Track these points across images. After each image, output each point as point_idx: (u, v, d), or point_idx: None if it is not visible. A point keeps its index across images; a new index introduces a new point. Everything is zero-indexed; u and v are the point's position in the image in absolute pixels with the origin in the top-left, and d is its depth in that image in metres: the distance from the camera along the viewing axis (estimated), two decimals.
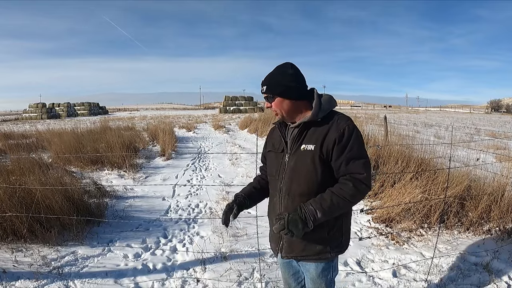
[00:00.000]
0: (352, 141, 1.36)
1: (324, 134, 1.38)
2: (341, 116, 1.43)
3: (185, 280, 2.60)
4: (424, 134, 8.98)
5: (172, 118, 22.86)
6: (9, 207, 3.00)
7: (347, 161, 1.35)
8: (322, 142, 1.37)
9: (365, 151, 1.40)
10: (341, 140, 1.35)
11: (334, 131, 1.37)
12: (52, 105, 41.98)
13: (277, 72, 1.45)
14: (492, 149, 7.25)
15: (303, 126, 1.42)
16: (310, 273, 1.53)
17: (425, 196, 3.56)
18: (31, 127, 13.66)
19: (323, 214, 1.34)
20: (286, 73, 1.43)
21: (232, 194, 4.74)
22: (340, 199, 1.34)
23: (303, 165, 1.41)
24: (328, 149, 1.37)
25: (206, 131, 14.60)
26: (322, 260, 1.48)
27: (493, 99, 75.45)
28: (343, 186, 1.36)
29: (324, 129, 1.39)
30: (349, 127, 1.37)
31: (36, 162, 4.64)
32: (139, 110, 59.63)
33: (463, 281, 2.56)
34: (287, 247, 1.50)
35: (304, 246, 1.46)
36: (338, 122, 1.39)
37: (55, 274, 2.61)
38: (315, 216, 1.33)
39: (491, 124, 19.32)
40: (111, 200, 4.43)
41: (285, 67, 1.45)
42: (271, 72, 1.47)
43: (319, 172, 1.39)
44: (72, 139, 7.18)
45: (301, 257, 1.49)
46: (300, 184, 1.42)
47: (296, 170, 1.43)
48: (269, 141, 1.64)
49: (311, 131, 1.41)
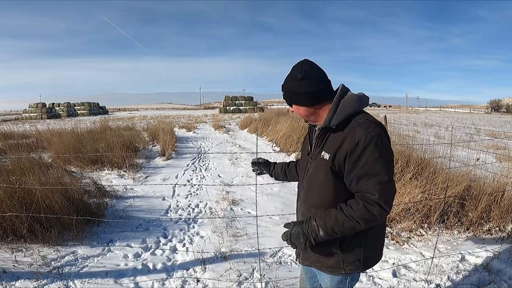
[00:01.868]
0: (367, 155, 1.15)
1: (340, 143, 1.22)
2: (362, 122, 1.21)
3: (185, 280, 2.60)
4: (424, 134, 8.98)
5: (172, 118, 22.87)
6: (9, 207, 3.00)
7: (358, 178, 1.18)
8: (336, 153, 1.22)
9: (385, 167, 1.17)
10: (352, 153, 1.17)
11: (348, 141, 1.19)
12: (52, 105, 41.99)
13: (290, 77, 1.31)
14: (492, 149, 7.25)
15: (323, 131, 1.30)
16: (324, 283, 1.45)
17: (425, 196, 3.56)
18: (31, 127, 13.66)
19: (325, 233, 1.23)
20: (295, 79, 1.28)
21: (232, 194, 4.74)
22: (347, 219, 1.19)
23: (318, 174, 1.30)
24: (340, 162, 1.22)
25: (206, 131, 14.60)
26: (336, 274, 1.37)
27: (493, 99, 75.50)
28: (353, 205, 1.20)
29: (340, 138, 1.22)
30: (366, 137, 1.15)
31: (36, 162, 4.63)
32: (139, 110, 59.64)
33: (463, 281, 2.56)
34: (302, 255, 1.46)
35: (317, 258, 1.38)
36: (355, 131, 1.19)
37: (55, 274, 2.61)
38: (317, 233, 1.24)
39: (491, 124, 19.33)
40: (111, 200, 4.43)
41: (295, 71, 1.28)
42: (287, 76, 1.32)
43: (331, 185, 1.26)
44: (72, 139, 7.19)
45: (315, 266, 1.43)
46: (314, 193, 1.33)
47: (313, 178, 1.34)
48: (305, 139, 1.54)
49: (331, 137, 1.27)
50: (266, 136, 10.64)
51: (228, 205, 4.29)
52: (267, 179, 5.56)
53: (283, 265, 2.82)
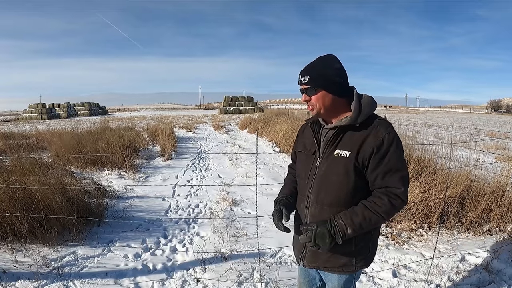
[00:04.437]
0: (391, 152, 1.25)
1: (362, 141, 1.27)
2: (381, 122, 1.30)
3: (185, 280, 2.60)
4: (424, 134, 8.99)
5: (172, 118, 22.87)
6: (9, 207, 3.00)
7: (384, 173, 1.25)
8: (359, 150, 1.26)
9: (405, 163, 1.28)
10: (379, 150, 1.24)
11: (372, 139, 1.25)
12: (52, 105, 42.00)
13: (322, 63, 1.32)
14: (492, 149, 7.26)
15: (340, 129, 1.31)
16: (332, 283, 1.46)
17: (425, 196, 3.56)
18: (31, 127, 13.66)
19: (353, 230, 1.25)
20: (332, 67, 1.31)
21: (232, 194, 4.74)
22: (373, 215, 1.24)
23: (334, 172, 1.31)
24: (365, 159, 1.26)
25: (206, 131, 14.60)
26: (346, 272, 1.41)
27: (493, 99, 75.55)
28: (377, 201, 1.25)
29: (362, 135, 1.27)
30: (389, 135, 1.25)
31: (36, 162, 4.64)
32: (139, 110, 59.66)
33: (463, 281, 2.56)
34: (310, 257, 1.44)
35: (328, 258, 1.39)
36: (378, 129, 1.27)
37: (55, 274, 2.61)
38: (345, 231, 1.25)
39: (491, 124, 19.33)
40: (111, 200, 4.43)
41: (331, 59, 1.33)
42: (313, 63, 1.34)
43: (351, 182, 1.29)
44: (72, 139, 7.19)
45: (324, 267, 1.43)
46: (329, 192, 1.33)
47: (326, 177, 1.33)
48: (300, 140, 1.53)
49: (348, 135, 1.30)
50: (266, 137, 10.64)
51: (228, 205, 4.29)
52: (267, 179, 5.57)
53: (283, 265, 2.82)
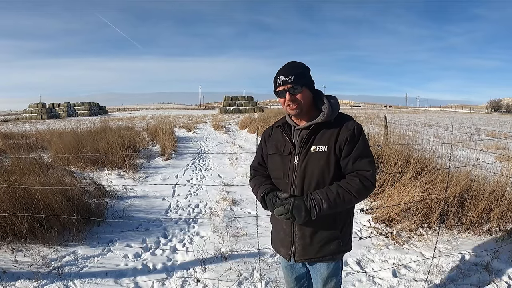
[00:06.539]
0: (360, 141, 1.42)
1: (336, 134, 1.42)
2: (347, 117, 1.49)
3: (185, 280, 2.60)
4: (424, 134, 8.97)
5: (172, 118, 22.85)
6: (9, 207, 3.00)
7: (355, 159, 1.40)
8: (335, 142, 1.41)
9: (370, 151, 1.47)
10: (352, 139, 1.40)
11: (345, 130, 1.42)
12: (52, 105, 41.96)
13: (298, 64, 1.45)
14: (492, 149, 7.26)
15: (315, 127, 1.43)
16: (321, 273, 1.53)
17: (425, 196, 3.56)
18: (31, 127, 13.65)
19: (328, 206, 1.35)
20: (305, 67, 1.46)
21: (232, 194, 4.74)
22: (346, 193, 1.36)
23: (315, 166, 1.42)
24: (341, 148, 1.41)
25: (206, 131, 14.60)
26: (335, 259, 1.52)
27: (493, 99, 75.47)
28: (350, 181, 1.39)
29: (335, 130, 1.43)
30: (357, 127, 1.43)
31: (36, 162, 4.64)
32: (139, 110, 59.62)
33: (463, 281, 2.56)
34: (301, 251, 1.49)
35: (319, 248, 1.47)
36: (348, 122, 1.44)
37: (55, 274, 2.61)
38: (320, 205, 1.35)
39: (491, 124, 19.32)
40: (111, 200, 4.43)
41: (299, 62, 1.47)
42: (289, 65, 1.44)
43: (331, 171, 1.42)
44: (72, 139, 7.19)
45: (316, 258, 1.49)
46: (313, 185, 1.43)
47: (308, 171, 1.43)
48: (270, 143, 1.59)
49: (321, 132, 1.44)
50: None
51: (228, 205, 4.29)
52: None
53: None
